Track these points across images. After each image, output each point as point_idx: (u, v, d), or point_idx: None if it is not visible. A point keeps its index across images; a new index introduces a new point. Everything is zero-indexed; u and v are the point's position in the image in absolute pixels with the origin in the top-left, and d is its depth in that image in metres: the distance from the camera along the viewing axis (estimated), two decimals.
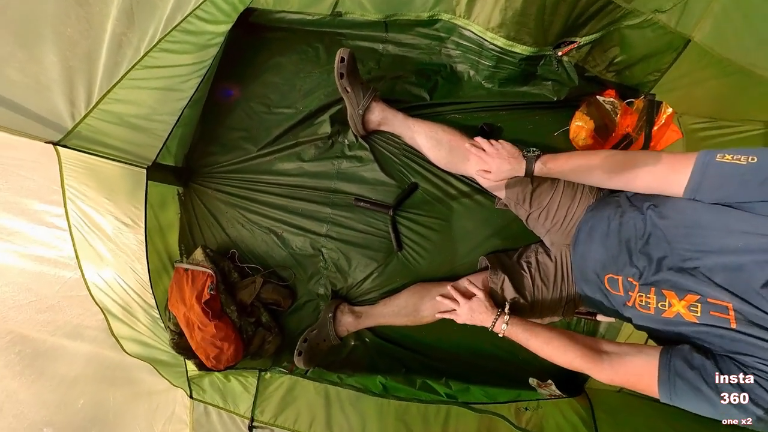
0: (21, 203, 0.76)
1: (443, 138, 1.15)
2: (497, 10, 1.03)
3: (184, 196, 1.26)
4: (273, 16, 1.15)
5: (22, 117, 0.73)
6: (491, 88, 1.27)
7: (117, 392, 0.85)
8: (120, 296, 0.95)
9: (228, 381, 1.10)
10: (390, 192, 1.30)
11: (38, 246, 0.79)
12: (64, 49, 0.75)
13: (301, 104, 1.32)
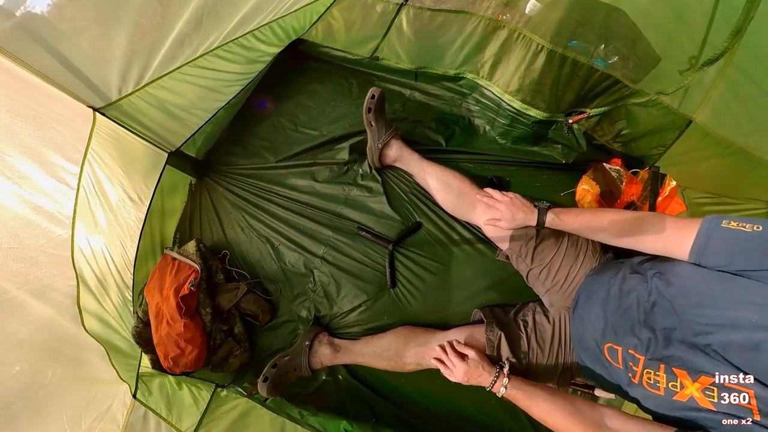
0: (43, 153, 0.79)
1: (453, 183, 1.19)
2: (516, 77, 1.15)
3: (194, 187, 1.29)
4: (319, 49, 1.31)
5: (76, 79, 0.80)
6: (504, 144, 1.34)
7: (59, 369, 0.77)
8: (100, 268, 0.92)
9: (179, 389, 0.99)
10: (393, 227, 1.30)
11: (42, 196, 0.80)
12: (133, 35, 0.86)
13: (326, 129, 1.41)
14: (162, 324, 1.03)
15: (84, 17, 0.78)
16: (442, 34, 1.18)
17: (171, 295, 1.07)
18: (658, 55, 0.88)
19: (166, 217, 1.18)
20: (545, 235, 1.03)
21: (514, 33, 1.07)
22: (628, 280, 0.82)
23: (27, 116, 0.75)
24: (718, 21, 0.72)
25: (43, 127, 0.78)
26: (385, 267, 1.27)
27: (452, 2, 1.08)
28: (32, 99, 0.75)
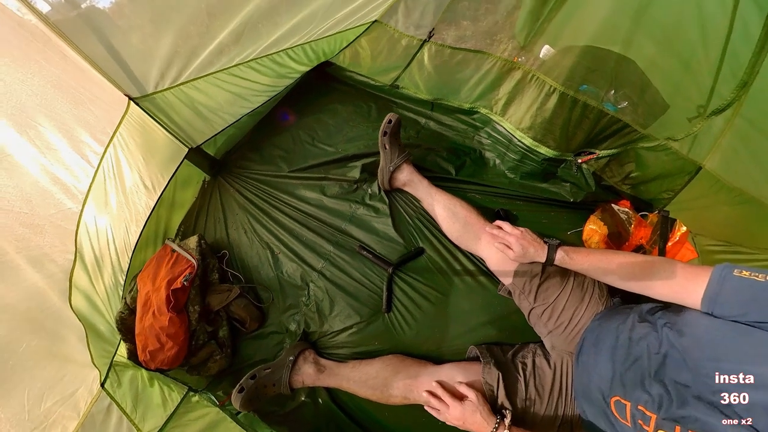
0: (74, 129, 0.84)
1: (460, 212, 1.19)
2: (528, 115, 1.20)
3: (207, 185, 1.33)
4: (344, 72, 1.41)
5: (119, 69, 0.88)
6: (513, 178, 1.36)
7: (35, 341, 0.75)
8: (100, 247, 0.93)
9: (150, 385, 0.94)
10: (395, 250, 1.29)
11: (63, 169, 0.84)
12: (179, 38, 0.95)
13: (341, 147, 1.46)
14: (148, 314, 1.01)
15: (140, 16, 0.87)
16: (460, 70, 1.25)
17: (163, 286, 1.06)
18: (667, 103, 0.91)
19: (174, 208, 1.20)
20: (551, 273, 1.00)
21: (528, 74, 1.13)
22: (637, 328, 0.78)
23: (68, 95, 0.82)
24: (724, 73, 0.75)
25: (80, 106, 0.84)
26: (382, 290, 1.24)
27: (472, 42, 1.16)
28: (77, 80, 0.82)
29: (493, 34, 1.12)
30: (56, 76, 0.77)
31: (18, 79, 0.70)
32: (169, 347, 1.01)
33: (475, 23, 1.13)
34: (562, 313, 0.98)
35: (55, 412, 0.73)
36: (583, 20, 0.96)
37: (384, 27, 1.22)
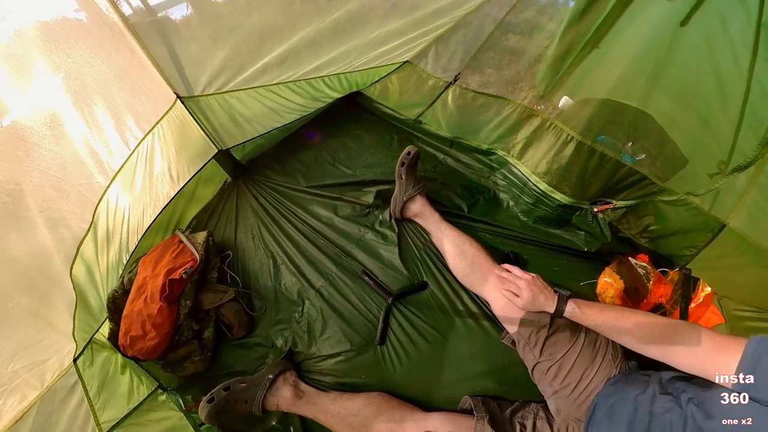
0: (122, 114, 0.94)
1: (468, 250, 1.16)
2: (545, 161, 1.22)
3: (227, 186, 1.39)
4: (373, 103, 1.51)
5: (175, 71, 1.00)
6: (526, 221, 1.34)
7: (25, 299, 0.75)
8: (114, 223, 0.97)
9: (121, 373, 0.89)
10: (398, 280, 1.25)
11: (103, 146, 0.92)
12: (231, 54, 1.08)
13: (359, 171, 1.52)
14: (140, 299, 1.00)
15: (202, 31, 1.01)
16: (481, 113, 1.32)
17: (162, 274, 1.06)
18: (686, 158, 0.90)
19: (192, 202, 1.25)
20: (560, 327, 0.93)
21: (546, 122, 1.18)
22: (658, 400, 0.69)
23: (127, 84, 0.93)
24: (745, 130, 0.75)
25: (133, 96, 0.95)
26: (378, 320, 1.18)
27: (494, 88, 1.24)
28: (137, 73, 0.93)
29: (515, 83, 1.20)
30: (121, 67, 0.88)
31: (89, 63, 0.81)
32: (150, 337, 0.98)
33: (498, 72, 1.21)
34: (571, 373, 0.89)
35: (21, 376, 0.71)
36: (601, 76, 1.01)
37: (414, 67, 1.33)
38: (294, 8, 1.07)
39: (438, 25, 1.15)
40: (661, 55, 0.85)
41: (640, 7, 0.83)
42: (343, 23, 1.13)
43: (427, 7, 1.11)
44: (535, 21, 1.03)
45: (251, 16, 1.04)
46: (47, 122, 0.79)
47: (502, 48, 1.13)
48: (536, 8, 1.00)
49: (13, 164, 0.73)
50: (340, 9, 1.09)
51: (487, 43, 1.14)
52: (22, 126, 0.74)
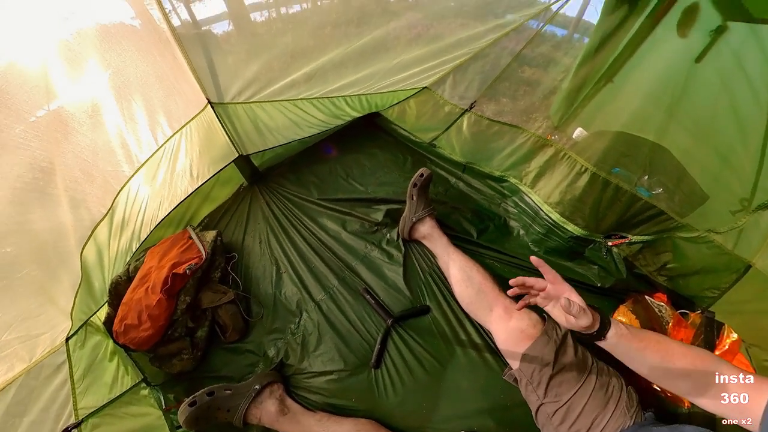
0: (156, 111, 1.02)
1: (475, 277, 1.13)
2: (558, 191, 1.20)
3: (243, 189, 1.44)
4: (390, 125, 1.57)
5: (210, 79, 1.08)
6: (537, 251, 1.30)
7: (34, 271, 0.78)
8: (131, 212, 1.01)
9: (109, 360, 0.88)
10: (400, 302, 1.21)
11: (134, 138, 0.99)
12: (262, 68, 1.16)
13: (371, 188, 1.55)
14: (141, 288, 1.02)
15: (240, 46, 1.11)
16: (495, 140, 1.34)
17: (167, 266, 1.08)
18: (706, 194, 0.87)
19: (207, 201, 1.30)
20: (566, 366, 0.86)
21: (560, 152, 1.18)
22: None
23: (165, 86, 1.01)
24: (767, 166, 0.72)
25: (169, 97, 1.03)
26: (375, 342, 1.14)
27: (509, 117, 1.27)
28: (175, 77, 1.02)
29: (530, 113, 1.22)
30: (162, 70, 0.97)
31: (135, 63, 0.90)
32: (144, 327, 0.97)
33: (513, 101, 1.25)
34: (579, 419, 0.81)
35: (12, 347, 0.71)
36: (616, 109, 1.02)
37: (432, 93, 1.39)
38: (325, 32, 1.17)
39: (457, 55, 1.22)
40: (677, 91, 0.86)
41: (653, 45, 0.85)
42: (368, 49, 1.22)
43: (447, 39, 1.18)
44: (551, 55, 1.07)
45: (285, 36, 1.14)
46: (88, 111, 0.86)
47: (518, 79, 1.17)
48: (552, 44, 1.05)
49: (52, 144, 0.80)
50: (366, 36, 1.18)
51: (504, 74, 1.19)
52: (66, 112, 0.82)
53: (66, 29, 0.75)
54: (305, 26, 1.14)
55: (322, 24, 1.15)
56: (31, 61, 0.72)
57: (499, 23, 1.07)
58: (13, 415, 0.67)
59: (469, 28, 1.12)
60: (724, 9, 0.70)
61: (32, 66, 0.73)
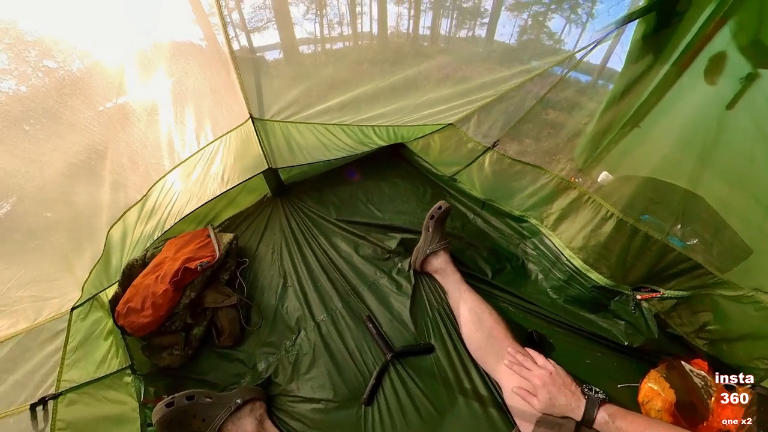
0: (204, 118, 1.15)
1: (487, 321, 1.07)
2: (581, 235, 1.14)
3: (266, 200, 1.51)
4: (413, 156, 1.63)
5: (255, 97, 1.22)
6: (556, 299, 1.20)
7: (63, 239, 0.84)
8: (161, 202, 1.09)
9: (104, 339, 0.89)
10: (403, 337, 1.15)
11: (179, 138, 1.11)
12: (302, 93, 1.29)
13: (388, 215, 1.56)
14: (152, 275, 1.05)
15: (286, 73, 1.26)
16: (516, 179, 1.33)
17: (181, 259, 1.12)
18: (749, 247, 0.78)
19: (231, 205, 1.37)
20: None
21: (584, 195, 1.14)
22: None
23: (216, 98, 1.15)
24: None
25: (217, 107, 1.17)
26: (370, 375, 1.07)
27: (532, 157, 1.27)
28: (226, 92, 1.16)
29: (553, 154, 1.22)
30: (216, 84, 1.12)
31: (194, 75, 1.05)
32: (145, 314, 0.99)
33: (536, 142, 1.26)
34: None
35: (23, 304, 0.75)
36: (643, 155, 0.99)
37: (456, 130, 1.44)
38: (362, 68, 1.29)
39: (483, 96, 1.28)
40: (709, 138, 0.83)
41: (680, 92, 0.85)
42: (400, 85, 1.32)
43: (474, 81, 1.25)
44: (575, 100, 1.10)
45: (327, 68, 1.28)
46: (148, 109, 0.99)
47: (542, 121, 1.19)
48: (576, 89, 1.07)
49: (110, 132, 0.91)
50: (399, 73, 1.29)
51: (528, 116, 1.22)
52: (129, 107, 0.95)
53: (146, 41, 0.91)
54: (345, 61, 1.28)
55: (361, 60, 1.28)
56: (113, 62, 0.87)
57: (524, 69, 1.13)
58: (2, 370, 0.68)
59: (495, 72, 1.19)
60: (754, 56, 0.70)
61: (113, 66, 0.87)
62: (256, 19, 1.06)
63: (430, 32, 1.18)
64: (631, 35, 0.88)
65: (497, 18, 1.06)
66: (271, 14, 1.06)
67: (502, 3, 1.02)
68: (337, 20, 1.15)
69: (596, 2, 0.90)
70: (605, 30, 0.91)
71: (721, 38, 0.73)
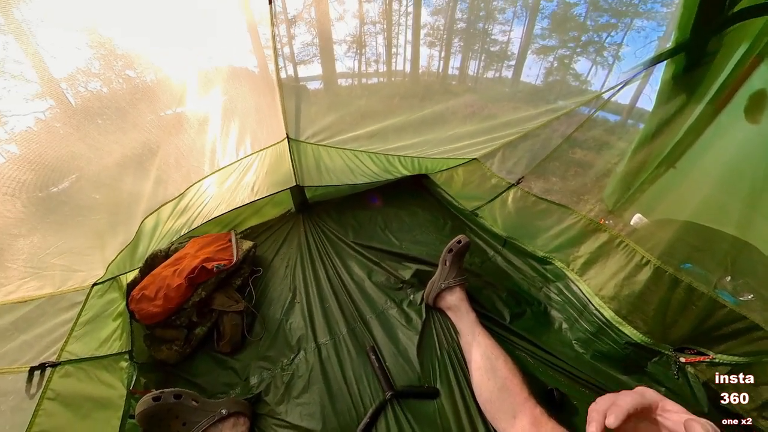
0: (246, 134, 1.29)
1: (501, 370, 0.96)
2: (613, 283, 1.04)
3: (289, 214, 1.57)
4: (436, 187, 1.63)
5: (294, 119, 1.35)
6: (582, 354, 1.05)
7: (102, 220, 0.93)
8: (194, 202, 1.19)
9: (114, 319, 0.93)
10: (406, 375, 1.06)
11: (221, 147, 1.24)
12: (336, 121, 1.41)
13: (406, 245, 1.54)
14: (171, 267, 1.11)
15: (323, 101, 1.39)
16: (540, 218, 1.28)
17: (200, 257, 1.18)
18: None
19: (256, 215, 1.45)
20: None
21: (615, 239, 1.06)
22: None
23: (259, 116, 1.29)
24: None
25: (259, 126, 1.30)
26: (365, 413, 0.99)
27: (557, 196, 1.22)
28: (269, 112, 1.30)
29: (580, 194, 1.16)
30: (261, 105, 1.26)
31: (244, 96, 1.20)
32: (156, 304, 1.03)
33: (563, 181, 1.22)
34: None
35: (53, 270, 0.82)
36: (681, 197, 0.91)
37: (480, 164, 1.45)
38: (393, 102, 1.40)
39: (508, 133, 1.30)
40: (757, 180, 0.75)
41: (718, 131, 0.80)
42: (428, 119, 1.39)
43: (500, 118, 1.29)
44: (604, 139, 1.07)
45: (361, 100, 1.40)
46: (199, 120, 1.13)
47: (569, 159, 1.17)
48: (604, 128, 1.05)
49: (165, 134, 1.05)
50: (428, 109, 1.37)
51: (554, 154, 1.20)
52: (184, 116, 1.09)
53: (209, 64, 1.07)
54: (378, 94, 1.40)
55: (393, 95, 1.39)
56: (179, 78, 1.03)
57: (551, 108, 1.14)
58: (16, 328, 0.73)
59: (520, 110, 1.22)
60: None
61: (178, 81, 1.03)
62: (304, 53, 1.21)
63: (458, 72, 1.26)
64: (660, 75, 0.88)
65: (524, 60, 1.12)
66: (316, 50, 1.22)
67: (528, 47, 1.08)
68: (374, 59, 1.28)
69: (622, 45, 0.92)
70: (633, 71, 0.92)
71: (759, 76, 0.70)
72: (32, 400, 0.69)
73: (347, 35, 1.19)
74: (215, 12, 0.98)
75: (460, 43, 1.19)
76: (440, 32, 1.16)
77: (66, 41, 0.76)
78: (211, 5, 0.97)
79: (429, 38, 1.19)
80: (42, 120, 0.77)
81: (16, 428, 0.65)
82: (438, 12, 1.12)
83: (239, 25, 1.05)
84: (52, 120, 0.79)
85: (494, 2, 0.99)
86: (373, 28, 1.19)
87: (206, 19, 0.99)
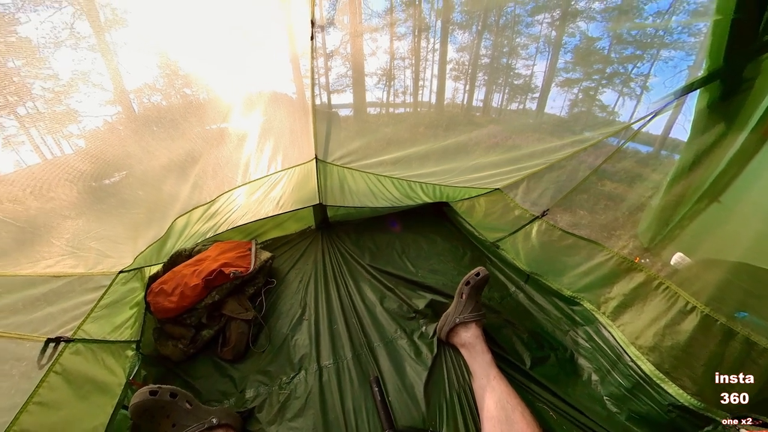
0: (278, 151, 1.40)
1: (517, 423, 0.85)
2: (651, 331, 0.91)
3: (309, 231, 1.61)
4: (456, 216, 1.60)
5: (324, 142, 1.45)
6: (615, 413, 0.90)
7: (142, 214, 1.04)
8: (223, 209, 1.28)
9: (131, 307, 0.98)
10: (409, 414, 0.97)
11: (255, 162, 1.35)
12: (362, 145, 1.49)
13: (422, 273, 1.50)
14: (192, 267, 1.17)
15: (352, 127, 1.48)
16: (568, 254, 1.19)
17: (220, 261, 1.24)
18: None
19: (278, 227, 1.51)
20: None
21: (654, 280, 0.95)
22: None
23: (292, 137, 1.41)
24: None
25: (292, 145, 1.41)
26: None
27: (586, 231, 1.14)
28: (302, 134, 1.41)
29: (612, 229, 1.08)
30: (295, 127, 1.38)
31: (281, 118, 1.33)
32: (171, 300, 1.07)
33: (592, 215, 1.14)
34: None
35: (89, 252, 0.90)
36: (729, 234, 0.81)
37: (503, 195, 1.41)
38: (419, 131, 1.45)
39: (532, 164, 1.28)
40: None
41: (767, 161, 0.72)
42: (451, 148, 1.42)
43: (524, 149, 1.28)
44: (636, 171, 1.01)
45: (387, 127, 1.47)
46: (239, 136, 1.26)
47: (598, 192, 1.10)
48: (636, 159, 1.00)
49: (207, 145, 1.18)
50: (452, 138, 1.40)
51: (582, 186, 1.14)
52: (226, 131, 1.22)
53: (253, 88, 1.22)
54: (404, 123, 1.46)
55: (418, 124, 1.45)
56: (226, 99, 1.17)
57: (577, 139, 1.11)
58: (46, 299, 0.80)
59: (545, 141, 1.20)
60: None
61: (225, 101, 1.17)
62: (338, 83, 1.34)
63: (482, 104, 1.30)
64: (693, 104, 0.83)
65: (548, 93, 1.13)
66: (349, 81, 1.34)
67: (552, 80, 1.10)
68: (402, 90, 1.37)
69: (650, 76, 0.90)
70: (663, 101, 0.88)
71: None
72: (41, 370, 0.72)
73: (378, 68, 1.31)
74: (264, 44, 1.13)
75: (485, 76, 1.25)
76: (465, 67, 1.22)
77: (140, 61, 0.92)
78: (263, 39, 1.13)
79: (454, 72, 1.26)
80: (109, 122, 0.91)
81: (20, 394, 0.68)
82: (463, 49, 1.20)
83: (284, 57, 1.20)
84: (117, 123, 0.92)
85: (517, 39, 1.04)
86: (402, 63, 1.30)
87: (257, 50, 1.14)
